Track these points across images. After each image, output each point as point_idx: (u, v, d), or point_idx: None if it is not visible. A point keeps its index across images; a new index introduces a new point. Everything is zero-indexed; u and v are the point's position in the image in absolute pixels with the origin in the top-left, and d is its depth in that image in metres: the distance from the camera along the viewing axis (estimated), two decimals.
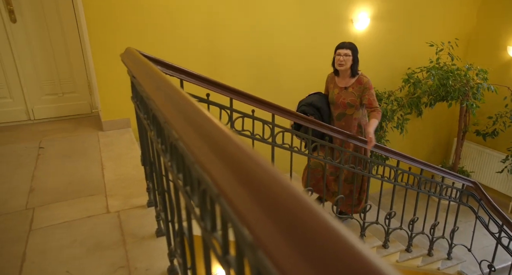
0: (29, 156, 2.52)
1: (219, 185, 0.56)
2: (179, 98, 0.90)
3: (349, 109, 2.76)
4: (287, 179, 0.47)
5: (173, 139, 0.97)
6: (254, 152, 0.56)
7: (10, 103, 3.13)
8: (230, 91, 2.07)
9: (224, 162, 0.58)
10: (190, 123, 0.75)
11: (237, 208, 0.49)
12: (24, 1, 2.94)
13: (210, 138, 0.66)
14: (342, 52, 2.66)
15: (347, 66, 2.67)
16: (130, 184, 2.19)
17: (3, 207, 1.87)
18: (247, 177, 0.51)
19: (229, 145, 0.60)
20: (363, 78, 2.71)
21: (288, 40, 3.76)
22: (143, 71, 1.30)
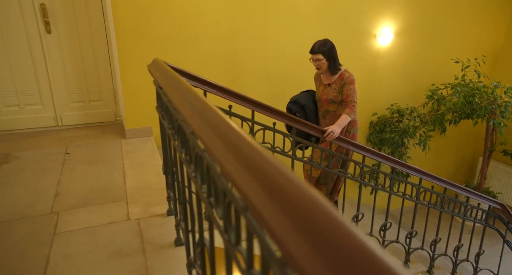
0: (56, 161, 2.60)
1: (247, 198, 0.57)
2: (206, 109, 0.92)
3: (332, 105, 2.75)
4: (319, 195, 0.47)
5: (198, 150, 0.99)
6: (284, 166, 0.56)
7: (41, 109, 3.26)
8: (252, 103, 2.09)
9: (252, 175, 0.59)
10: (218, 135, 0.77)
11: (267, 223, 0.49)
12: (59, 14, 3.09)
13: (238, 151, 0.67)
14: (314, 58, 2.67)
15: (323, 69, 2.70)
16: (151, 192, 2.22)
17: (30, 210, 1.93)
18: (277, 191, 0.51)
19: (258, 158, 0.61)
20: (344, 74, 2.70)
21: (307, 54, 3.77)
22: (170, 82, 1.34)
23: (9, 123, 3.17)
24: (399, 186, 2.83)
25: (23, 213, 1.90)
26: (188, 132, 1.08)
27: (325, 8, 3.66)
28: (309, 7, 3.59)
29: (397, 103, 4.35)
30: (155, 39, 3.09)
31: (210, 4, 3.19)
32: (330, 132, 2.41)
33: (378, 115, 4.33)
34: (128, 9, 2.89)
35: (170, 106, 1.41)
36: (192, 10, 3.13)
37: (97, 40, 3.28)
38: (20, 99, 3.17)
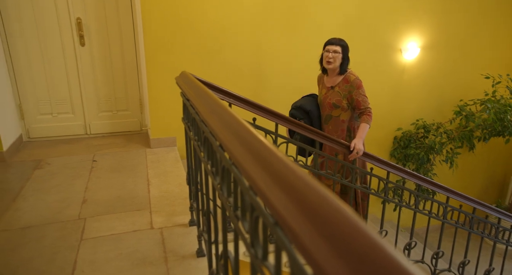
0: (84, 169, 2.69)
1: (278, 213, 0.57)
2: (235, 123, 0.93)
3: (335, 110, 2.53)
4: (353, 213, 0.47)
5: (225, 163, 1.00)
6: (316, 182, 0.57)
7: (72, 118, 3.40)
8: (276, 116, 2.11)
9: (284, 191, 0.59)
10: (248, 149, 0.78)
11: (299, 240, 0.49)
12: (92, 27, 3.25)
13: (269, 166, 0.67)
14: (331, 49, 2.44)
15: (336, 64, 2.45)
16: (174, 201, 2.25)
17: (59, 215, 2.00)
18: (310, 208, 0.52)
19: (291, 174, 0.61)
20: (350, 76, 2.48)
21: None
22: (198, 95, 1.37)
23: (43, 130, 3.32)
24: (425, 204, 2.74)
25: (54, 218, 1.97)
26: (215, 145, 1.10)
27: (350, 23, 3.67)
28: (335, 21, 3.61)
29: (422, 119, 4.25)
30: (182, 53, 3.18)
31: (236, 19, 3.26)
32: (357, 149, 2.27)
33: (403, 130, 4.24)
34: (157, 24, 3.00)
35: (197, 118, 1.44)
36: (218, 25, 3.21)
37: (127, 53, 3.41)
38: (53, 107, 3.32)
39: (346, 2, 3.59)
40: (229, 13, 3.22)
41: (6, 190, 2.29)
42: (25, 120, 3.25)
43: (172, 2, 3.00)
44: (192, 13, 3.10)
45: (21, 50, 3.09)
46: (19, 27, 3.04)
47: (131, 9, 3.30)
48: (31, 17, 3.05)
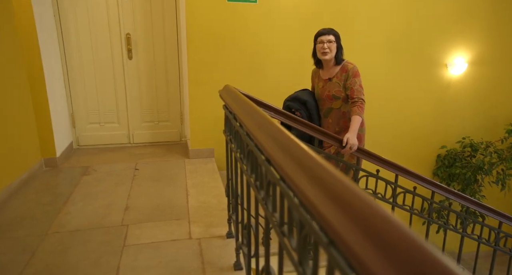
0: (127, 176, 2.80)
1: (336, 233, 0.56)
2: (285, 138, 0.93)
3: (335, 102, 2.40)
4: (418, 235, 0.45)
5: (272, 178, 1.00)
6: (373, 201, 0.55)
7: (117, 127, 3.58)
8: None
9: (341, 209, 0.58)
10: (300, 165, 0.77)
11: (361, 261, 0.47)
12: (140, 42, 3.43)
13: (323, 182, 0.66)
14: (325, 39, 2.33)
15: (332, 54, 2.34)
16: (211, 212, 2.27)
17: (104, 220, 2.09)
18: (371, 228, 0.50)
19: (347, 191, 0.60)
20: (347, 65, 2.37)
21: (376, 82, 3.70)
22: (244, 109, 1.39)
23: (91, 138, 3.51)
24: (473, 228, 2.57)
25: (99, 223, 2.06)
26: (261, 159, 1.11)
27: (394, 37, 3.59)
28: (379, 36, 3.56)
29: (469, 137, 4.03)
30: (223, 67, 3.26)
31: (277, 36, 3.31)
32: (351, 144, 2.09)
33: (448, 148, 4.03)
34: (200, 40, 3.11)
35: (241, 131, 1.46)
36: (260, 42, 3.27)
37: (170, 66, 3.56)
38: (101, 117, 3.51)
39: (392, 17, 3.53)
40: (271, 30, 3.27)
41: (58, 194, 2.43)
42: (76, 129, 3.46)
43: (215, 19, 3.10)
44: (234, 30, 3.19)
45: (76, 62, 3.32)
46: (76, 41, 3.28)
47: (176, 25, 3.46)
48: (87, 32, 3.28)
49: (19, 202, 2.30)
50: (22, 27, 2.65)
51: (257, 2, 3.13)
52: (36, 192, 2.47)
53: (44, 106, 2.85)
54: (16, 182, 2.47)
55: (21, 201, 2.32)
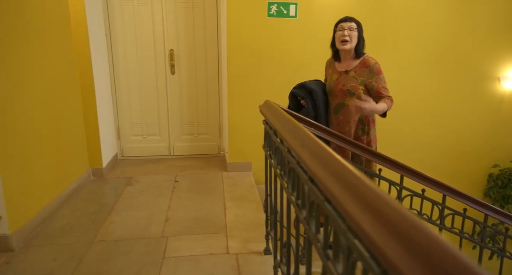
0: (167, 188, 2.88)
1: (391, 263, 0.53)
2: (330, 158, 0.91)
3: (349, 98, 2.15)
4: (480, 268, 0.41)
5: (316, 199, 0.98)
6: (433, 231, 0.51)
7: (158, 139, 3.71)
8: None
9: (396, 238, 0.55)
10: (348, 188, 0.75)
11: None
12: (182, 58, 3.57)
13: (376, 209, 0.63)
14: (346, 26, 2.11)
15: (353, 43, 2.12)
16: (249, 227, 2.26)
17: (145, 231, 2.15)
18: (431, 261, 0.47)
19: (402, 220, 0.57)
20: (369, 60, 2.13)
21: (420, 97, 3.55)
22: (286, 126, 1.38)
23: (134, 150, 3.67)
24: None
25: (140, 233, 2.12)
26: (304, 178, 1.09)
27: (440, 50, 3.45)
28: (423, 49, 3.43)
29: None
30: (262, 83, 3.29)
31: (317, 50, 3.29)
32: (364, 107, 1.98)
33: (501, 167, 3.75)
34: (240, 55, 3.17)
35: (281, 147, 1.45)
36: (297, 58, 3.27)
37: (211, 81, 3.66)
38: (144, 129, 3.66)
39: (437, 28, 3.40)
40: (310, 45, 3.26)
41: (104, 203, 2.55)
42: (121, 140, 3.63)
43: (255, 35, 3.15)
44: (273, 45, 3.22)
45: (123, 77, 3.51)
46: (123, 58, 3.47)
47: (217, 41, 3.56)
48: (133, 48, 3.47)
49: (69, 210, 2.44)
50: (77, 46, 2.85)
51: (297, 17, 3.15)
52: (83, 201, 2.60)
53: (93, 119, 3.02)
54: (67, 191, 2.62)
55: (71, 210, 2.45)
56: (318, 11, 3.18)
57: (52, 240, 2.04)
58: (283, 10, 3.10)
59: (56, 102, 2.49)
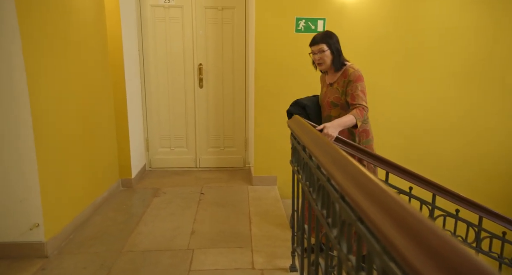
0: (193, 200, 2.91)
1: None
2: (363, 176, 0.90)
3: (334, 109, 2.20)
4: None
5: (347, 217, 0.96)
6: (475, 256, 0.49)
7: (185, 152, 3.78)
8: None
9: (435, 261, 0.53)
10: (384, 209, 0.73)
11: None
12: (210, 72, 3.65)
13: (415, 232, 0.62)
14: (316, 49, 2.16)
15: (327, 63, 2.17)
16: (274, 242, 2.24)
17: (171, 243, 2.18)
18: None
19: (443, 243, 0.55)
20: (348, 69, 2.15)
21: (452, 114, 3.45)
22: (316, 143, 1.38)
23: (162, 161, 3.75)
24: None
25: (167, 245, 2.15)
26: (335, 196, 1.07)
27: (472, 64, 3.35)
28: (453, 63, 3.34)
29: None
30: (288, 97, 3.28)
31: None
32: (326, 133, 1.90)
33: None
34: (267, 70, 3.20)
35: (310, 164, 1.45)
36: None
37: (237, 95, 3.71)
38: (172, 142, 3.74)
39: (469, 41, 3.31)
40: None
41: (132, 214, 2.61)
42: (149, 152, 3.73)
43: (282, 49, 3.19)
44: (301, 59, 3.23)
45: (153, 91, 3.63)
46: (154, 72, 3.60)
47: (244, 56, 3.63)
48: (164, 63, 3.59)
49: (100, 219, 2.51)
50: (112, 61, 2.99)
51: None
52: (113, 210, 2.67)
53: (124, 131, 3.13)
54: (99, 200, 2.70)
55: (102, 218, 2.52)
56: (346, 26, 3.18)
57: (84, 249, 2.10)
58: (311, 26, 3.13)
59: (91, 115, 2.60)
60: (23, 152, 1.88)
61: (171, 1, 3.48)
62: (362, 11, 3.18)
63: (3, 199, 1.91)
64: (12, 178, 1.90)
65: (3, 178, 1.90)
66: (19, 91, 1.82)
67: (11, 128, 1.86)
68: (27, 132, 1.86)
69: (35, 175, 1.90)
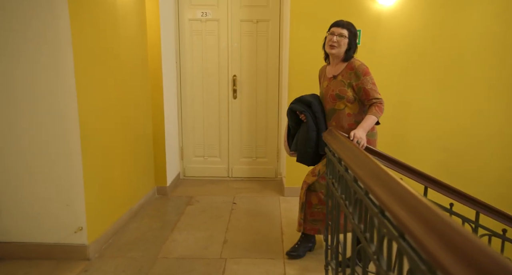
0: (225, 209, 2.95)
1: None
2: (403, 190, 0.88)
3: (339, 102, 2.10)
4: None
5: (387, 233, 0.94)
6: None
7: (218, 161, 3.85)
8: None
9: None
10: (429, 226, 0.71)
11: None
12: (244, 83, 3.72)
13: (463, 252, 0.60)
14: (337, 31, 2.06)
15: (341, 49, 2.07)
16: (306, 255, 2.21)
17: (205, 251, 2.21)
18: None
19: (485, 258, 0.53)
20: (354, 62, 2.08)
21: (493, 129, 3.27)
22: (353, 155, 1.36)
23: (195, 170, 3.84)
24: None
25: (200, 253, 2.19)
26: (374, 211, 1.06)
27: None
28: (495, 74, 3.19)
29: None
30: None
31: (379, 77, 3.23)
32: (358, 138, 1.89)
33: None
34: (301, 80, 3.21)
35: (346, 177, 1.43)
36: None
37: (270, 106, 3.75)
38: (205, 151, 3.83)
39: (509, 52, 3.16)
40: (372, 72, 3.21)
41: (167, 221, 2.69)
42: (184, 161, 3.84)
43: (316, 61, 3.18)
44: None
45: (189, 101, 3.75)
46: (190, 83, 3.72)
47: (278, 68, 3.67)
48: (199, 74, 3.71)
49: (137, 225, 2.60)
50: (152, 72, 3.13)
51: (360, 44, 3.14)
52: (149, 217, 2.76)
53: (161, 140, 3.25)
54: (136, 206, 2.81)
55: (138, 224, 2.61)
56: (382, 38, 3.14)
57: (122, 253, 2.19)
58: None
59: (131, 124, 2.73)
60: (71, 158, 2.00)
61: (208, 15, 3.61)
62: (398, 22, 3.13)
63: (52, 202, 2.04)
64: (60, 183, 2.03)
65: (53, 184, 2.03)
66: (69, 102, 1.96)
67: (61, 137, 1.99)
68: (75, 140, 1.98)
69: (81, 181, 2.02)
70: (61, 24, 1.88)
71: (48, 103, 1.96)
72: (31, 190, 2.03)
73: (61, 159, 2.00)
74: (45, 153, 2.00)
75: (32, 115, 1.97)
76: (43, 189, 2.03)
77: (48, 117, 1.97)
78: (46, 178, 2.02)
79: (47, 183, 2.02)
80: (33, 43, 1.90)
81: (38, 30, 1.89)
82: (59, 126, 1.98)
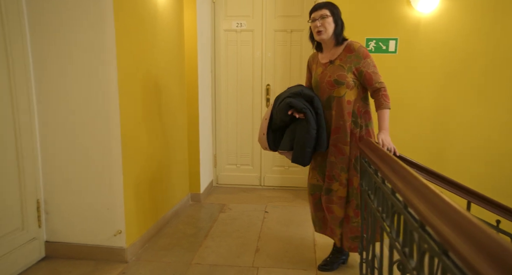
0: (257, 218, 2.95)
1: None
2: (448, 207, 0.85)
3: (338, 89, 1.90)
4: None
5: (429, 249, 0.91)
6: None
7: (250, 170, 3.87)
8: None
9: None
10: (474, 243, 0.68)
11: None
12: (277, 92, 3.65)
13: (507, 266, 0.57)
14: (317, 15, 1.90)
15: (328, 31, 1.90)
16: (340, 267, 2.16)
17: (237, 259, 2.23)
18: None
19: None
20: (353, 44, 1.91)
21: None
22: (391, 167, 1.33)
23: (228, 178, 3.89)
24: None
25: (233, 261, 2.21)
26: (414, 225, 1.02)
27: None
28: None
29: None
30: None
31: (417, 85, 3.14)
32: (386, 145, 1.78)
33: None
34: None
35: (384, 189, 1.40)
36: (398, 93, 3.15)
37: None
38: (238, 159, 3.87)
39: None
40: (411, 80, 3.13)
41: (200, 228, 2.73)
42: (217, 168, 3.90)
43: None
44: None
45: (223, 110, 3.83)
46: (225, 92, 3.80)
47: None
48: (234, 84, 3.78)
49: (171, 231, 2.67)
50: (188, 81, 3.24)
51: (397, 53, 3.07)
52: (183, 223, 2.83)
53: (196, 148, 3.33)
54: (170, 212, 2.89)
55: (173, 230, 2.68)
56: (420, 46, 3.06)
57: (157, 257, 2.25)
58: (382, 46, 3.06)
59: (168, 131, 2.83)
60: (112, 165, 2.11)
61: (243, 26, 3.69)
62: (438, 30, 3.03)
63: (94, 206, 2.15)
64: (102, 188, 2.14)
65: (96, 189, 2.14)
66: (111, 111, 2.07)
67: (104, 143, 2.10)
68: (116, 147, 2.09)
69: (121, 186, 2.11)
70: (107, 38, 2.01)
71: (93, 111, 2.08)
72: (77, 194, 2.16)
73: (105, 165, 2.11)
74: (90, 159, 2.12)
75: (82, 124, 2.10)
76: (88, 193, 2.15)
77: (94, 126, 2.09)
78: (91, 183, 2.14)
79: (91, 188, 2.14)
80: (86, 53, 2.04)
81: (89, 42, 2.03)
82: (103, 136, 2.10)
